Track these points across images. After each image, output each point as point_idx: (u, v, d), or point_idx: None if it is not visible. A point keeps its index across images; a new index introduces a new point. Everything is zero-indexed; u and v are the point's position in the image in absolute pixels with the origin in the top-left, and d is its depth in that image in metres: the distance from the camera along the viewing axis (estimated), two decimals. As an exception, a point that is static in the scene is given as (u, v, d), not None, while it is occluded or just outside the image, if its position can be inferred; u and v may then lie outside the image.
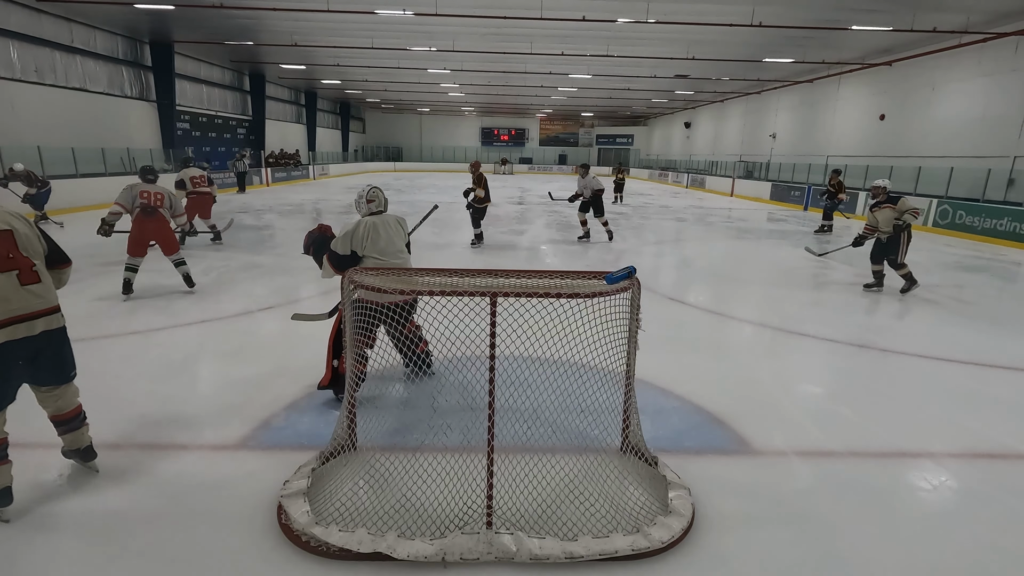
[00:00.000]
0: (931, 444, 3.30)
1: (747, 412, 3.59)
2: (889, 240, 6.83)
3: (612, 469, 2.82)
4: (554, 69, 22.34)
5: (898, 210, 6.71)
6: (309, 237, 3.78)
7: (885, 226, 6.86)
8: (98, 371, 4.03)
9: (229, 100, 24.78)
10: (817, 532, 2.47)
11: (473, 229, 9.75)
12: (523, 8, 13.65)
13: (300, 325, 4.15)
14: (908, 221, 6.66)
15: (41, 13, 14.56)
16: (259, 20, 15.83)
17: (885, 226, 6.86)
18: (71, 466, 2.83)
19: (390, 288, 2.58)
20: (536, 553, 2.20)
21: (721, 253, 10.22)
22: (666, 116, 40.88)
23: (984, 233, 12.31)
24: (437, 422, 3.28)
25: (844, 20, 13.95)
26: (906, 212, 6.65)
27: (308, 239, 3.78)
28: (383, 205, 3.70)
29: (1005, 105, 14.02)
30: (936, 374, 4.46)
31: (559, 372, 3.02)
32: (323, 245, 3.67)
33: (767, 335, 5.48)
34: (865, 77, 19.28)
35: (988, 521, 2.60)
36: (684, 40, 16.69)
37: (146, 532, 2.35)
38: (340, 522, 2.36)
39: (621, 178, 19.96)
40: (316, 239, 3.73)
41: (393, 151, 44.46)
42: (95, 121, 16.61)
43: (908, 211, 6.65)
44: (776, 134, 25.31)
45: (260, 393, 3.69)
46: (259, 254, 8.82)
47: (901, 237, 6.74)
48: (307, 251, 3.81)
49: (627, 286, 2.64)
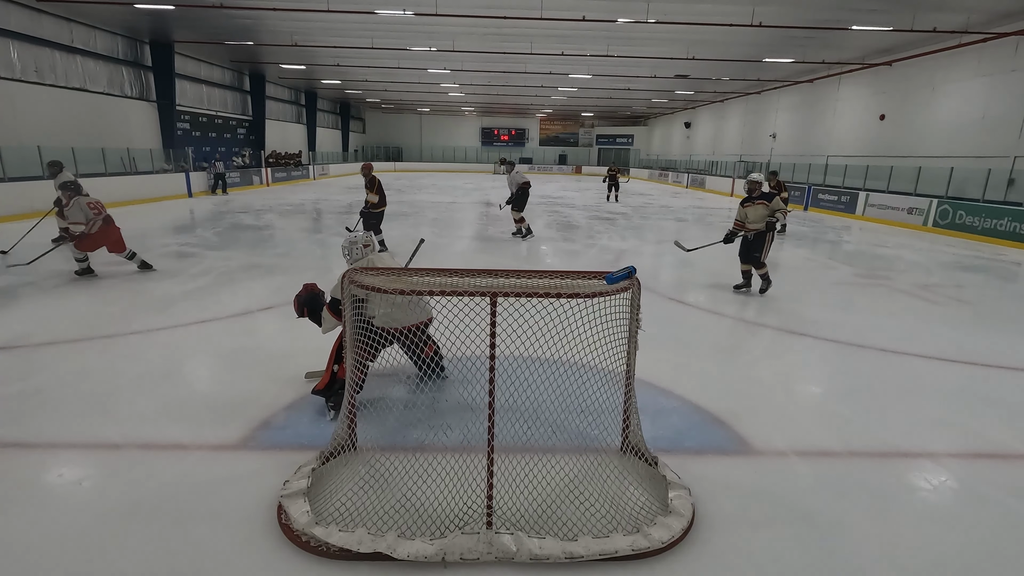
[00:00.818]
0: (931, 444, 3.30)
1: (747, 412, 3.59)
2: (756, 237, 6.56)
3: (612, 469, 2.82)
4: (554, 69, 22.35)
5: (771, 208, 6.47)
6: (298, 301, 3.68)
7: (756, 223, 6.53)
8: (98, 371, 4.04)
9: (229, 100, 24.80)
10: (817, 532, 2.47)
11: (374, 236, 9.26)
12: (523, 8, 13.66)
13: (300, 325, 4.15)
14: (779, 220, 6.51)
15: (41, 13, 14.57)
16: (259, 20, 15.83)
17: (756, 223, 6.53)
18: (71, 466, 2.84)
19: (390, 288, 2.58)
20: (536, 553, 2.20)
21: (721, 253, 10.20)
22: (666, 116, 40.89)
23: (984, 233, 12.31)
24: (437, 422, 3.29)
25: (844, 20, 13.95)
26: (778, 210, 6.47)
27: (297, 303, 3.68)
28: (375, 248, 3.77)
29: (1005, 105, 14.03)
30: (936, 374, 4.46)
31: (559, 372, 3.02)
32: (314, 301, 3.63)
33: (767, 335, 5.48)
34: (865, 77, 19.29)
35: (988, 521, 2.60)
36: (684, 40, 16.69)
37: (146, 532, 2.35)
38: (340, 522, 2.36)
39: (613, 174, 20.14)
40: (305, 299, 3.66)
41: (393, 151, 44.50)
42: (95, 121, 16.62)
43: (780, 209, 6.48)
44: (776, 134, 25.32)
45: (260, 393, 3.69)
46: (259, 254, 8.82)
47: (767, 236, 6.51)
48: (301, 314, 3.68)
49: (627, 286, 2.64)
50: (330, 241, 10.50)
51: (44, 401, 3.51)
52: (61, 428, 3.20)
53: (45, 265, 7.06)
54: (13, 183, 11.81)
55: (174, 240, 9.92)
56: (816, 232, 13.27)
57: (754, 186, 6.68)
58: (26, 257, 7.24)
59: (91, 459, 2.93)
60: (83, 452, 2.99)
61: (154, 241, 9.56)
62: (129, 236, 6.92)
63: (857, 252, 10.12)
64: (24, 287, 6.40)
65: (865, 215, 16.12)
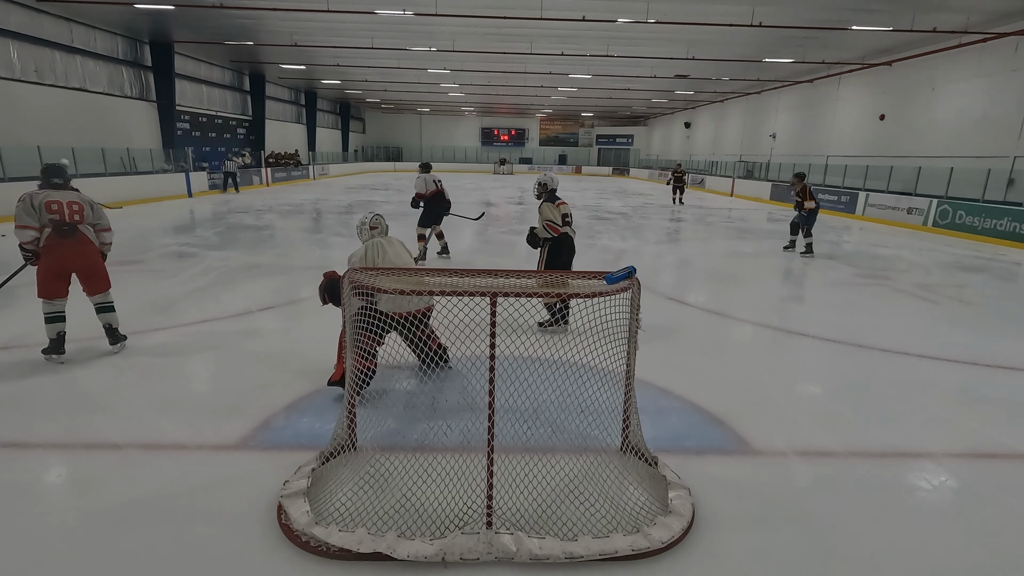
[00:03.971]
0: (931, 444, 3.30)
1: (747, 412, 3.59)
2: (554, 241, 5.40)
3: (612, 469, 2.82)
4: (554, 69, 22.34)
5: (542, 215, 5.25)
6: (320, 289, 3.75)
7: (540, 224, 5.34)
8: (98, 371, 4.03)
9: (229, 100, 24.79)
10: (816, 532, 2.47)
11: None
12: (523, 8, 13.65)
13: (300, 325, 4.16)
14: (540, 234, 5.26)
15: (41, 13, 14.56)
16: (259, 20, 15.83)
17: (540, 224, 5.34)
18: (71, 466, 2.84)
19: (391, 289, 2.59)
20: (536, 553, 2.20)
21: (721, 253, 10.22)
22: (666, 116, 40.88)
23: (984, 233, 12.31)
24: (437, 422, 3.29)
25: (844, 20, 13.95)
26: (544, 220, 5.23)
27: (320, 291, 3.75)
28: (385, 231, 3.89)
29: (1005, 105, 14.02)
30: (936, 374, 4.46)
31: (559, 372, 3.02)
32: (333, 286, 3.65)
33: (767, 335, 5.48)
34: (865, 77, 19.28)
35: (988, 521, 2.60)
36: (684, 40, 16.69)
37: (146, 532, 2.35)
38: (340, 522, 2.36)
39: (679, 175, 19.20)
40: (326, 285, 3.71)
41: (393, 151, 44.49)
42: (95, 121, 16.62)
43: (544, 220, 5.20)
44: (776, 134, 25.31)
45: (260, 393, 3.69)
46: (259, 254, 8.82)
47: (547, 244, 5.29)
48: (325, 300, 3.71)
49: (627, 286, 2.64)
50: (330, 241, 10.51)
51: (44, 401, 3.51)
52: (61, 428, 3.20)
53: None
54: (13, 183, 11.79)
55: (174, 240, 9.92)
56: (816, 232, 13.21)
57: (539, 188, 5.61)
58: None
59: (91, 459, 2.93)
60: (83, 452, 2.99)
61: (154, 241, 9.56)
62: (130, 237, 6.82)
63: (857, 252, 10.12)
64: (24, 287, 6.40)
65: (865, 215, 16.12)
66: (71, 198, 4.15)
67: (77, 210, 4.13)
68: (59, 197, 4.09)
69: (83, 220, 4.17)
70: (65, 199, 4.11)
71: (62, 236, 4.07)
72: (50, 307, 4.14)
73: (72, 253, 4.14)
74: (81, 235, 4.16)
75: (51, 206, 4.03)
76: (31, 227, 4.00)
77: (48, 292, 4.11)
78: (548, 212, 5.14)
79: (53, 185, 4.15)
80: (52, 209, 4.03)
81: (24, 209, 3.98)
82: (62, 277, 4.16)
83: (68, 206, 4.09)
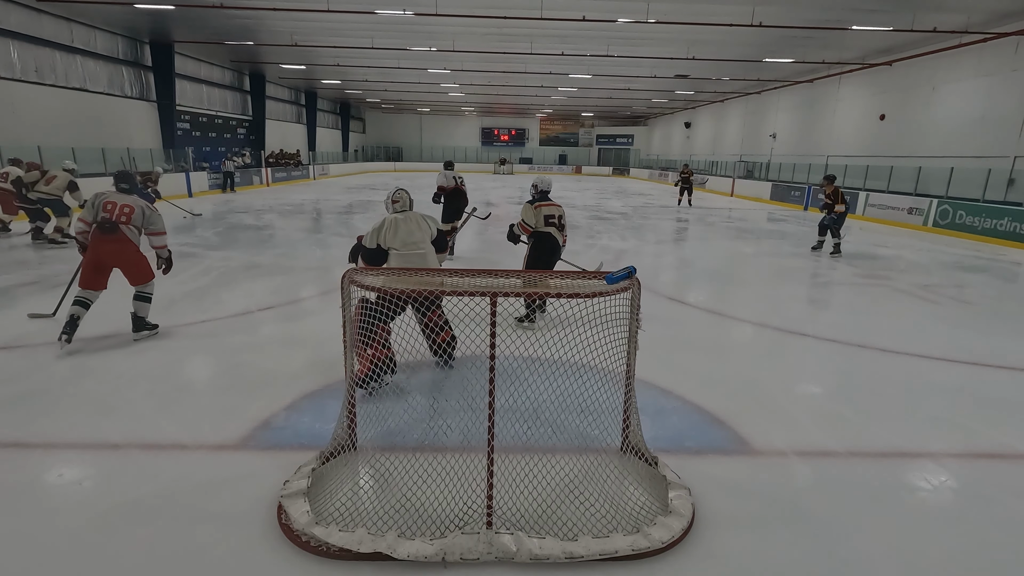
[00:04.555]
0: (931, 444, 3.30)
1: (747, 412, 3.58)
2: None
3: (612, 469, 2.82)
4: (554, 69, 22.34)
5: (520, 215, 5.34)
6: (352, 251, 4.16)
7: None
8: (98, 371, 4.03)
9: (229, 100, 24.79)
10: (817, 532, 2.47)
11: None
12: (523, 8, 13.66)
13: (300, 325, 4.17)
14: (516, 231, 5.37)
15: (41, 13, 14.56)
16: (259, 20, 15.83)
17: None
18: (71, 466, 2.84)
19: (391, 289, 2.59)
20: (536, 553, 2.20)
21: (721, 253, 10.22)
22: (666, 116, 40.87)
23: (984, 233, 12.31)
24: (437, 422, 3.29)
25: (844, 20, 13.95)
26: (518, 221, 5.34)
27: (351, 254, 4.16)
28: (407, 204, 4.03)
29: (1005, 105, 14.02)
30: (936, 374, 4.46)
31: (559, 372, 3.02)
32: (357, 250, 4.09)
33: (767, 335, 5.48)
34: (865, 77, 19.28)
35: (988, 521, 2.59)
36: (684, 40, 16.69)
37: (146, 532, 2.35)
38: (340, 522, 2.36)
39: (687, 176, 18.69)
40: (355, 248, 4.12)
41: (393, 151, 44.48)
42: (95, 121, 16.61)
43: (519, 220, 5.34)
44: (776, 134, 25.31)
45: (260, 393, 3.69)
46: (259, 254, 8.82)
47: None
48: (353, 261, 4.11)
49: (627, 286, 2.64)
50: (330, 241, 10.52)
51: (44, 401, 3.51)
52: (61, 428, 3.20)
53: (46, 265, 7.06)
54: (13, 183, 11.77)
55: (174, 240, 9.89)
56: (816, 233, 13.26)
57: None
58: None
59: (91, 459, 2.93)
60: (83, 452, 2.99)
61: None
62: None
63: (857, 252, 10.11)
64: (24, 287, 6.40)
65: (865, 215, 16.12)
66: (126, 201, 4.54)
67: (127, 212, 4.50)
68: (116, 199, 4.50)
69: (128, 222, 4.51)
70: (121, 201, 4.51)
71: (103, 232, 4.43)
72: (81, 293, 4.50)
73: (109, 249, 4.48)
74: (121, 234, 4.49)
75: (107, 206, 4.46)
76: (84, 221, 4.45)
77: (84, 281, 4.49)
78: (524, 213, 5.29)
79: (120, 189, 4.63)
80: (106, 208, 4.45)
81: (86, 205, 4.49)
82: (98, 270, 4.51)
83: (120, 208, 4.48)
